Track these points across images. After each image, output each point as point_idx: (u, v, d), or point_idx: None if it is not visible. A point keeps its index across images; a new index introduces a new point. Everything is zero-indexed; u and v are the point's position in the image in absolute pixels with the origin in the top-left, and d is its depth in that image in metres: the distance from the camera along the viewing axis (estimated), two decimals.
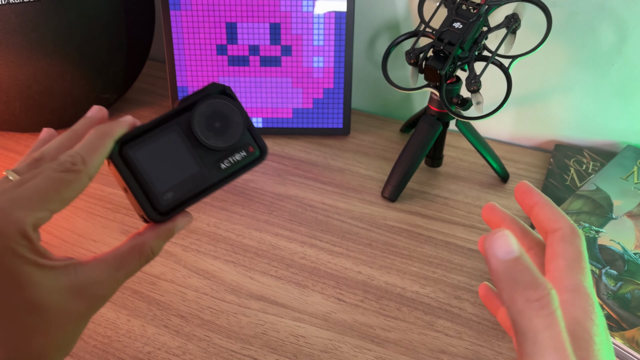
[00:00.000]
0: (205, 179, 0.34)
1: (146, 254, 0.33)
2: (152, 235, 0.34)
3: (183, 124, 0.34)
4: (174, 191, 0.33)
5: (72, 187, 0.31)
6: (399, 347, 0.51)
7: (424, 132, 0.68)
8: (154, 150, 0.33)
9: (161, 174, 0.33)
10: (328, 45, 0.75)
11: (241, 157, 0.35)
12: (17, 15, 0.65)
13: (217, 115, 0.34)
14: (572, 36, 0.72)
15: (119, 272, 0.32)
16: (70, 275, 0.30)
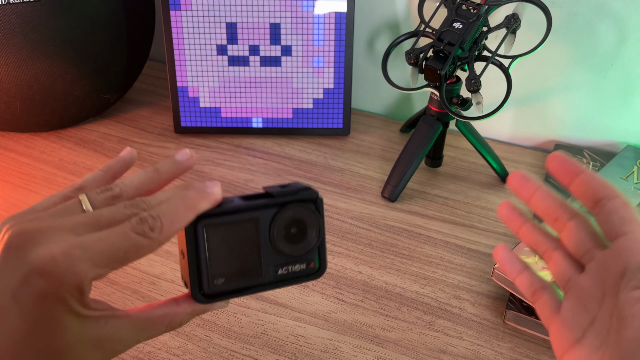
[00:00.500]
0: (259, 278, 0.33)
1: (174, 325, 0.33)
2: (188, 311, 0.33)
3: (264, 218, 0.33)
4: (226, 279, 0.32)
5: (140, 253, 0.30)
6: (399, 347, 0.51)
7: (424, 132, 0.68)
8: (226, 234, 0.32)
9: (222, 258, 0.32)
10: (328, 45, 0.75)
11: (299, 270, 0.34)
12: (17, 15, 0.65)
13: (299, 223, 0.33)
14: (571, 36, 0.72)
15: (143, 334, 0.32)
16: (100, 327, 0.30)
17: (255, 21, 0.74)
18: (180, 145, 0.78)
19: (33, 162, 0.74)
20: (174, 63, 0.76)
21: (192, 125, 0.80)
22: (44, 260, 0.28)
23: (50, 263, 0.28)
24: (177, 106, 0.78)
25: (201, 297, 0.32)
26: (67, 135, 0.79)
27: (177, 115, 0.79)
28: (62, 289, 0.28)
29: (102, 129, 0.81)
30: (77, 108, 0.76)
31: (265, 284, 0.33)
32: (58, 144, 0.77)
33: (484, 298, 0.56)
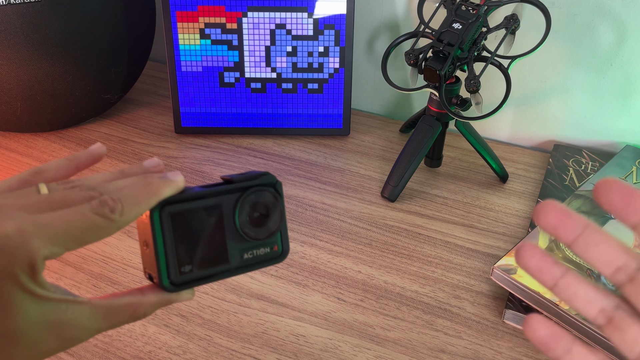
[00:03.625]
0: (226, 263, 0.33)
1: (137, 315, 0.32)
2: (153, 301, 0.33)
3: (227, 204, 0.33)
4: (193, 266, 0.32)
5: (98, 234, 0.30)
6: (399, 346, 0.51)
7: (424, 132, 0.68)
8: (191, 220, 0.32)
9: (188, 245, 0.32)
10: (328, 45, 0.75)
11: (264, 253, 0.34)
12: (18, 16, 0.65)
13: (261, 207, 0.34)
14: (571, 37, 0.72)
15: (105, 322, 0.31)
16: (60, 312, 0.29)
17: (256, 21, 0.74)
18: (181, 145, 0.78)
19: (34, 162, 0.74)
20: (175, 63, 0.76)
21: (192, 126, 0.80)
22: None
23: (2, 239, 0.27)
24: (177, 106, 0.78)
25: (170, 286, 0.32)
26: (68, 136, 0.79)
27: (178, 115, 0.79)
28: (14, 264, 0.27)
29: (103, 129, 0.81)
30: (78, 108, 0.77)
31: (232, 270, 0.34)
32: (59, 144, 0.78)
33: (483, 297, 0.56)
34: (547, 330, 0.30)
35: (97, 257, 0.60)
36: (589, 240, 0.28)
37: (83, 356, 0.50)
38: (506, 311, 0.54)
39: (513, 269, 0.54)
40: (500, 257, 0.60)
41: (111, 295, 0.32)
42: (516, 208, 0.69)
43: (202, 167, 0.74)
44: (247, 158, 0.76)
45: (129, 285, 0.57)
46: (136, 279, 0.57)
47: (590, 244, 0.28)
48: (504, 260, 0.55)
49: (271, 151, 0.78)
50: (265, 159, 0.76)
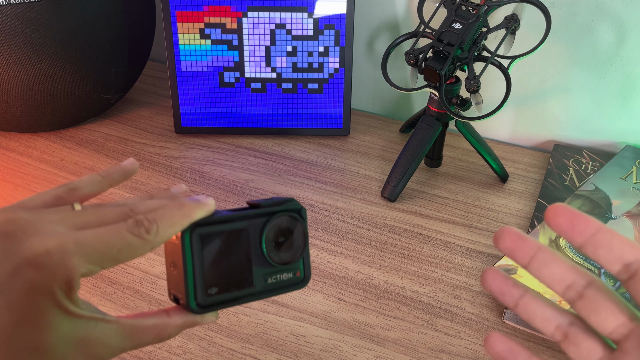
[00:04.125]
0: (250, 287, 0.34)
1: (162, 337, 0.33)
2: (178, 323, 0.33)
3: (254, 228, 0.34)
4: (219, 288, 0.33)
5: (132, 253, 0.30)
6: (399, 347, 0.51)
7: (424, 132, 0.68)
8: (219, 242, 0.33)
9: (216, 267, 0.33)
10: (328, 45, 0.75)
11: (287, 278, 0.35)
12: (18, 16, 0.65)
13: (286, 232, 0.35)
14: (571, 37, 0.72)
15: (130, 342, 0.31)
16: (88, 329, 0.29)
17: (256, 22, 0.74)
18: (181, 145, 0.78)
19: (34, 162, 0.74)
20: (175, 63, 0.76)
21: (192, 126, 0.80)
22: (37, 252, 0.28)
23: (43, 255, 0.27)
24: (177, 106, 0.78)
25: (196, 308, 0.32)
26: (68, 136, 0.79)
27: (178, 115, 0.79)
28: (53, 281, 0.27)
29: (103, 129, 0.81)
30: (78, 108, 0.77)
31: (256, 294, 0.34)
32: (59, 144, 0.78)
33: (483, 297, 0.56)
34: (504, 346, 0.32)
35: None
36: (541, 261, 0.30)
37: None
38: (506, 311, 0.54)
39: (513, 269, 0.54)
40: (500, 257, 0.60)
41: (138, 315, 0.33)
42: (516, 208, 0.69)
43: (202, 167, 0.74)
44: (247, 158, 0.76)
45: (129, 286, 0.57)
46: (136, 279, 0.57)
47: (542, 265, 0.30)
48: (504, 260, 0.55)
49: (271, 151, 0.78)
50: (265, 159, 0.76)
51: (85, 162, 0.74)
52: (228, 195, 0.69)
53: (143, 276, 0.58)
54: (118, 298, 0.55)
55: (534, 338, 0.53)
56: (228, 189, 0.70)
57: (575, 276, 0.30)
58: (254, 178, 0.72)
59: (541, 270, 0.30)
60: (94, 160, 0.75)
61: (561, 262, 0.30)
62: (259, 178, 0.72)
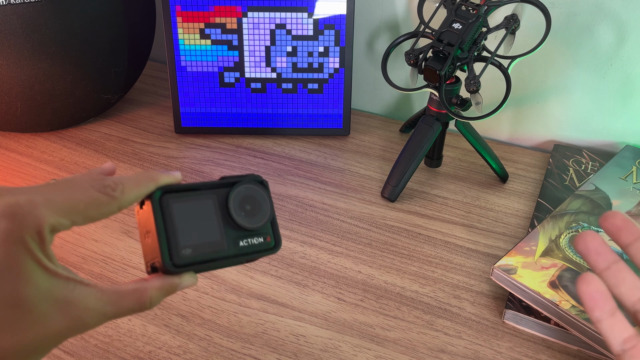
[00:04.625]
0: (222, 249, 0.35)
1: (144, 301, 0.33)
2: (157, 284, 0.34)
3: (220, 197, 0.36)
4: (193, 249, 0.34)
5: (101, 210, 0.32)
6: (399, 346, 0.51)
7: (424, 132, 0.68)
8: (189, 208, 0.35)
9: (187, 231, 0.34)
10: (328, 45, 0.75)
11: (258, 242, 0.37)
12: (18, 16, 0.65)
13: (251, 199, 0.37)
14: (571, 37, 0.72)
15: (110, 307, 0.32)
16: (67, 290, 0.30)
17: (256, 22, 0.74)
18: (181, 145, 0.78)
19: (34, 162, 0.74)
20: (175, 64, 0.76)
21: (192, 126, 0.80)
22: (7, 203, 0.29)
23: (13, 205, 0.29)
24: (177, 106, 0.79)
25: (172, 266, 0.33)
26: (68, 136, 0.79)
27: (178, 115, 0.79)
28: (23, 230, 0.29)
29: (103, 129, 0.81)
30: (78, 108, 0.77)
31: (230, 256, 0.36)
32: (59, 144, 0.78)
33: (483, 297, 0.57)
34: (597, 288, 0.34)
35: (97, 257, 0.60)
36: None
37: (83, 356, 0.50)
38: (506, 311, 0.54)
39: (513, 269, 0.54)
40: (500, 257, 0.60)
41: (116, 284, 0.34)
42: (516, 208, 0.69)
43: (202, 167, 0.74)
44: (247, 158, 0.76)
45: None
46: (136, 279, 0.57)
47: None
48: (504, 260, 0.55)
49: (271, 151, 0.78)
50: (265, 159, 0.76)
51: (85, 162, 0.74)
52: None
53: (143, 276, 0.58)
54: None
55: (533, 338, 0.53)
56: None
57: None
58: None
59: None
60: (94, 160, 0.75)
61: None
62: None
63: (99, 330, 0.52)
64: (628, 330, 0.33)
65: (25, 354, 0.30)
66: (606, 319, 0.33)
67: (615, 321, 0.33)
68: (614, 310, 0.34)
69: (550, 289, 0.52)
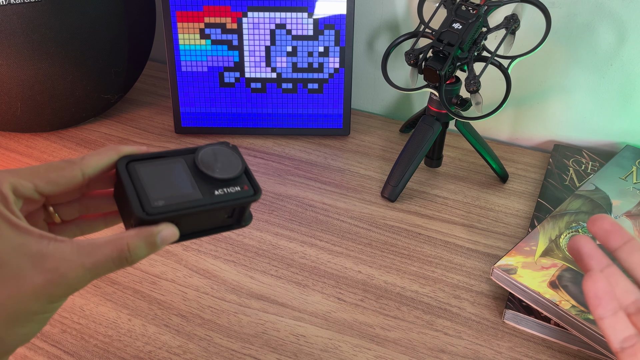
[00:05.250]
0: (197, 198, 0.35)
1: (122, 249, 0.32)
2: (133, 233, 0.33)
3: (189, 159, 0.37)
4: (165, 201, 0.34)
5: (62, 174, 0.33)
6: (399, 346, 0.51)
7: (424, 132, 0.68)
8: (157, 170, 0.35)
9: (157, 187, 0.35)
10: (328, 45, 0.75)
11: (235, 191, 0.37)
12: (18, 16, 0.65)
13: (220, 156, 0.37)
14: (571, 37, 0.72)
15: (89, 258, 0.31)
16: (40, 245, 0.30)
17: (256, 22, 0.74)
18: (181, 145, 0.78)
19: (34, 162, 0.74)
20: (175, 63, 0.76)
21: (192, 126, 0.80)
22: None
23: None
24: (177, 106, 0.79)
25: (144, 214, 0.33)
26: (68, 136, 0.79)
27: (178, 115, 0.79)
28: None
29: (103, 129, 0.81)
30: (78, 108, 0.77)
31: (206, 204, 0.35)
32: (59, 144, 0.78)
33: (483, 297, 0.57)
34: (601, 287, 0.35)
35: None
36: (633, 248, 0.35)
37: (83, 356, 0.50)
38: (506, 311, 0.54)
39: (513, 269, 0.54)
40: (500, 257, 0.60)
41: None
42: (516, 208, 0.69)
43: None
44: (247, 158, 0.76)
45: (129, 286, 0.57)
46: (136, 279, 0.57)
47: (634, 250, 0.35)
48: (504, 260, 0.55)
49: (271, 151, 0.78)
50: (265, 159, 0.76)
51: None
52: None
53: (143, 276, 0.58)
54: (118, 298, 0.55)
55: (533, 338, 0.53)
56: None
57: None
58: None
59: (631, 255, 0.35)
60: None
61: None
62: (259, 178, 0.72)
63: (99, 331, 0.52)
64: (628, 329, 0.34)
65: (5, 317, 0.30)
66: (608, 317, 0.34)
67: (617, 320, 0.34)
68: (616, 309, 0.34)
69: (550, 289, 0.52)
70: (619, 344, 0.34)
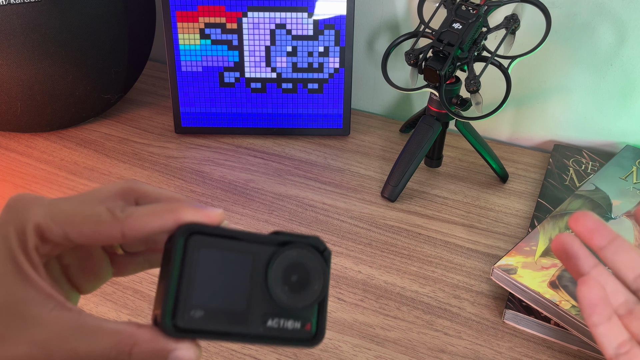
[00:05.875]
0: (244, 323, 0.28)
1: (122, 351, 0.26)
2: (146, 337, 0.27)
3: (263, 256, 0.28)
4: (205, 313, 0.27)
5: (98, 228, 0.27)
6: (399, 347, 0.51)
7: (424, 132, 0.68)
8: (218, 260, 0.28)
9: (206, 288, 0.27)
10: (328, 45, 0.75)
11: (292, 328, 0.28)
12: (18, 16, 0.65)
13: (301, 270, 0.28)
14: (571, 37, 0.72)
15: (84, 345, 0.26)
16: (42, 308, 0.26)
17: (256, 22, 0.74)
18: (181, 145, 0.78)
19: (34, 162, 0.74)
20: (175, 63, 0.76)
21: (192, 126, 0.80)
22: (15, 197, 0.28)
23: (15, 199, 0.28)
24: (177, 106, 0.79)
25: (170, 327, 0.26)
26: (68, 136, 0.79)
27: (178, 115, 0.79)
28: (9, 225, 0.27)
29: (103, 129, 0.81)
30: (78, 108, 0.77)
31: (249, 335, 0.28)
32: (59, 144, 0.78)
33: (483, 297, 0.56)
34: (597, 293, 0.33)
35: None
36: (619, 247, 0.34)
37: None
38: (506, 311, 0.54)
39: (513, 269, 0.54)
40: (500, 257, 0.60)
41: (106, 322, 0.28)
42: (516, 208, 0.69)
43: (202, 167, 0.74)
44: (247, 158, 0.76)
45: (128, 286, 0.57)
46: (136, 279, 0.57)
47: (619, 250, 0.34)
48: (504, 260, 0.55)
49: (271, 151, 0.78)
50: (265, 159, 0.76)
51: (85, 162, 0.74)
52: (228, 195, 0.69)
53: (143, 276, 0.58)
54: (118, 298, 0.55)
55: (533, 338, 0.53)
56: (228, 189, 0.70)
57: None
58: (254, 178, 0.72)
59: (617, 254, 0.34)
60: (94, 161, 0.75)
61: (637, 252, 0.33)
62: (259, 178, 0.72)
63: None
64: (622, 334, 0.33)
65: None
66: (603, 324, 0.33)
67: (612, 326, 0.33)
68: (610, 315, 0.33)
69: (550, 289, 0.52)
70: (613, 351, 0.33)
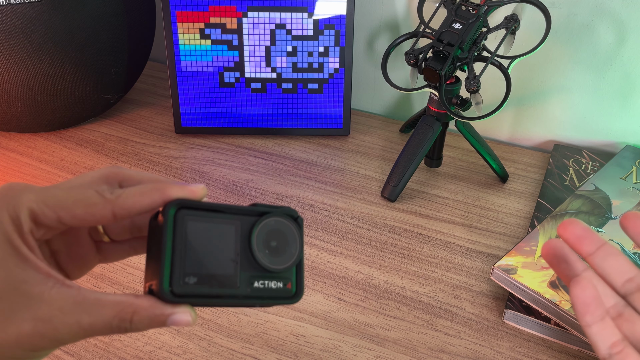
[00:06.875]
0: (233, 287, 0.31)
1: (124, 319, 0.28)
2: (145, 304, 0.28)
3: (244, 225, 0.31)
4: (198, 279, 0.30)
5: (90, 209, 0.29)
6: (399, 346, 0.51)
7: (424, 132, 0.68)
8: (205, 231, 0.30)
9: (197, 256, 0.30)
10: (328, 45, 0.75)
11: (275, 287, 0.32)
12: (18, 16, 0.65)
13: (279, 235, 0.32)
14: (571, 37, 0.72)
15: (87, 317, 0.28)
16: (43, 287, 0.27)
17: (256, 22, 0.74)
18: (181, 145, 0.78)
19: (34, 162, 0.74)
20: (175, 63, 0.76)
21: (192, 126, 0.80)
22: (5, 186, 0.29)
23: (5, 188, 0.29)
24: (177, 106, 0.79)
25: (169, 293, 0.29)
26: (68, 136, 0.79)
27: (178, 115, 0.79)
28: (3, 209, 0.28)
29: (103, 129, 0.81)
30: (78, 108, 0.77)
31: (239, 296, 0.31)
32: (59, 144, 0.78)
33: (483, 297, 0.57)
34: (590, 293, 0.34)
35: None
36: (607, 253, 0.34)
37: (83, 356, 0.50)
38: (506, 311, 0.54)
39: (513, 269, 0.54)
40: (500, 257, 0.60)
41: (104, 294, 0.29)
42: (516, 208, 0.69)
43: (202, 167, 0.74)
44: (247, 158, 0.76)
45: (129, 286, 0.57)
46: (136, 279, 0.57)
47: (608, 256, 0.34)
48: (504, 260, 0.55)
49: (271, 151, 0.78)
50: (265, 159, 0.76)
51: (85, 162, 0.74)
52: (228, 195, 0.69)
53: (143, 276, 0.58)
54: None
55: (533, 338, 0.53)
56: (228, 189, 0.70)
57: (636, 272, 0.34)
58: (254, 178, 0.72)
59: (605, 260, 0.34)
60: (94, 160, 0.75)
61: (625, 258, 0.34)
62: (259, 178, 0.72)
63: None
64: (615, 334, 0.34)
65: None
66: (596, 323, 0.33)
67: (604, 326, 0.33)
68: (603, 315, 0.33)
69: (550, 289, 0.52)
70: (606, 351, 0.33)
